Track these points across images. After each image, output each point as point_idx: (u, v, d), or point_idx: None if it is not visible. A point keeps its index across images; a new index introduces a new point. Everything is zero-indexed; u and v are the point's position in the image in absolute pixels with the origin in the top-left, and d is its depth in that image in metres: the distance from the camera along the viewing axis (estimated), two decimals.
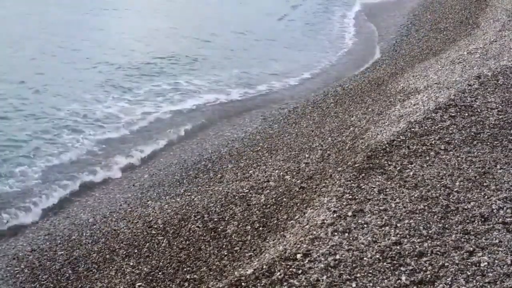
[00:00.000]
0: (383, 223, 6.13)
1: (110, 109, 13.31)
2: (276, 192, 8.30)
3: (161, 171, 10.39)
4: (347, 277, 5.30)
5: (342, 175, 7.46)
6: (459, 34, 17.28)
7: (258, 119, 12.65)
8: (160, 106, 13.76)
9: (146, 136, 12.09)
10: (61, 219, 8.97)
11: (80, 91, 14.25)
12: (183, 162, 10.53)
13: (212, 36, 20.53)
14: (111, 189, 9.93)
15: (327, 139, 10.27)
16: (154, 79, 15.66)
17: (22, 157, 10.64)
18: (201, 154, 10.82)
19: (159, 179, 9.98)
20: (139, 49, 18.15)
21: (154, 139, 11.91)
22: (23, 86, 14.15)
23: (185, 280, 6.77)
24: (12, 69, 15.54)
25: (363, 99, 12.73)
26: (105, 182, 10.25)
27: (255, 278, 5.50)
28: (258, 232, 7.27)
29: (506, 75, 10.75)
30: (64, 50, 17.64)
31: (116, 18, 22.78)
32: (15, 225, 8.83)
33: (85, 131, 11.99)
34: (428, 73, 12.71)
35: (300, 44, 20.47)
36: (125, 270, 7.31)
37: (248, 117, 13.11)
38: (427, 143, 8.06)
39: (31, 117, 12.51)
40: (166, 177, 9.98)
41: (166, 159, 10.94)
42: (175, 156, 11.03)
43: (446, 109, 9.18)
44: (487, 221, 6.18)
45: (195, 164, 10.33)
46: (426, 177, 7.09)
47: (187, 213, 8.53)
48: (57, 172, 10.27)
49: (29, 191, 9.60)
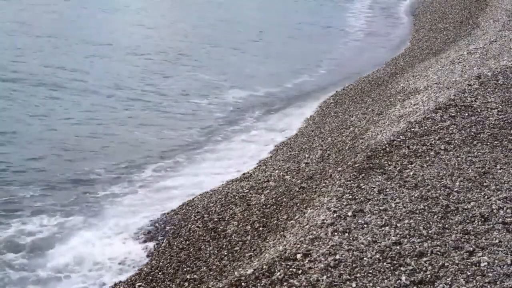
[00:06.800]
0: (383, 223, 6.12)
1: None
2: (276, 192, 8.30)
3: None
4: (347, 277, 5.30)
5: (342, 175, 7.46)
6: (459, 34, 17.29)
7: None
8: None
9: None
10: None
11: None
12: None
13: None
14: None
15: (327, 139, 10.27)
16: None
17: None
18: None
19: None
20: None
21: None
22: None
23: (185, 280, 6.77)
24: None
25: (363, 99, 12.73)
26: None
27: (255, 278, 5.50)
28: (258, 232, 7.26)
29: (506, 75, 10.75)
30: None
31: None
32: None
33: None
34: (428, 73, 12.71)
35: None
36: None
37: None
38: (427, 143, 8.06)
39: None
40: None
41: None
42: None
43: (446, 109, 9.18)
44: (487, 221, 6.18)
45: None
46: (426, 177, 7.09)
47: (187, 213, 8.53)
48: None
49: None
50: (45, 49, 17.07)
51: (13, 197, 9.29)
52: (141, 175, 10.34)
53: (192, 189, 9.64)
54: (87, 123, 12.37)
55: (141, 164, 10.75)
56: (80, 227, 8.63)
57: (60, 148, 11.13)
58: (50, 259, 7.86)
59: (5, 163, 10.34)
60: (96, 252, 7.98)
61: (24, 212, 8.92)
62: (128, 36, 19.40)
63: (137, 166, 10.65)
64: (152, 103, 13.70)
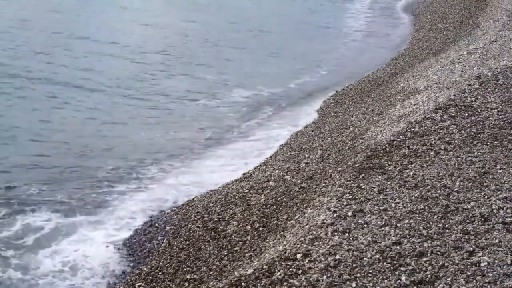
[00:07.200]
0: (383, 223, 6.13)
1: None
2: (276, 192, 8.30)
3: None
4: (347, 277, 5.30)
5: (342, 175, 7.46)
6: (459, 34, 17.29)
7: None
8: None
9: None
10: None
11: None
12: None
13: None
14: None
15: (327, 139, 10.27)
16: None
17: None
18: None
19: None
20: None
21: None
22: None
23: (185, 280, 6.77)
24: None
25: (363, 99, 12.73)
26: None
27: (255, 278, 5.50)
28: (258, 232, 7.26)
29: (506, 75, 10.75)
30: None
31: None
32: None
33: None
34: (428, 73, 12.71)
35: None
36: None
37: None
38: (427, 143, 8.06)
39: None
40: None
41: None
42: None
43: (446, 109, 9.18)
44: (487, 221, 6.18)
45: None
46: (426, 177, 7.09)
47: (187, 213, 8.53)
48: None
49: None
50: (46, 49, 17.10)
51: (18, 194, 9.35)
52: (142, 174, 10.35)
53: (192, 189, 9.65)
54: (93, 122, 12.43)
55: (142, 163, 10.78)
56: (82, 225, 8.68)
57: (65, 147, 11.18)
58: (51, 256, 7.88)
59: (12, 160, 10.41)
60: (95, 251, 7.99)
61: (28, 209, 8.97)
62: (130, 35, 19.47)
63: (139, 166, 10.68)
64: (155, 103, 13.76)
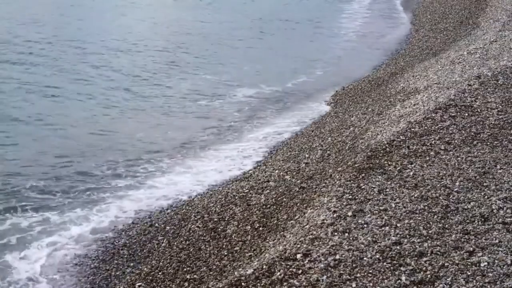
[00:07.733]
0: (383, 223, 6.13)
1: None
2: (276, 192, 8.30)
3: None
4: (347, 277, 5.30)
5: (342, 175, 7.46)
6: (459, 34, 17.30)
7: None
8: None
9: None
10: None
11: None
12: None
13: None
14: None
15: (327, 139, 10.27)
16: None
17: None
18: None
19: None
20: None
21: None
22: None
23: (185, 280, 6.77)
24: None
25: (363, 99, 12.73)
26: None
27: (255, 278, 5.50)
28: (258, 232, 7.26)
29: (506, 75, 10.75)
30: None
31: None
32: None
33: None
34: (428, 73, 12.71)
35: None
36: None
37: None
38: (427, 143, 8.06)
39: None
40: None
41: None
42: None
43: (446, 109, 9.18)
44: (487, 221, 6.18)
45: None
46: (426, 177, 7.09)
47: (187, 213, 8.53)
48: None
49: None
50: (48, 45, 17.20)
51: (14, 192, 9.34)
52: (142, 174, 10.35)
53: (192, 189, 9.65)
54: (93, 121, 12.46)
55: (143, 163, 10.77)
56: (81, 224, 8.66)
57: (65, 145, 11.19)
58: (48, 255, 7.88)
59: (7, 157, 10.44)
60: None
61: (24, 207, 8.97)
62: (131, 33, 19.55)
63: (139, 166, 10.67)
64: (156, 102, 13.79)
